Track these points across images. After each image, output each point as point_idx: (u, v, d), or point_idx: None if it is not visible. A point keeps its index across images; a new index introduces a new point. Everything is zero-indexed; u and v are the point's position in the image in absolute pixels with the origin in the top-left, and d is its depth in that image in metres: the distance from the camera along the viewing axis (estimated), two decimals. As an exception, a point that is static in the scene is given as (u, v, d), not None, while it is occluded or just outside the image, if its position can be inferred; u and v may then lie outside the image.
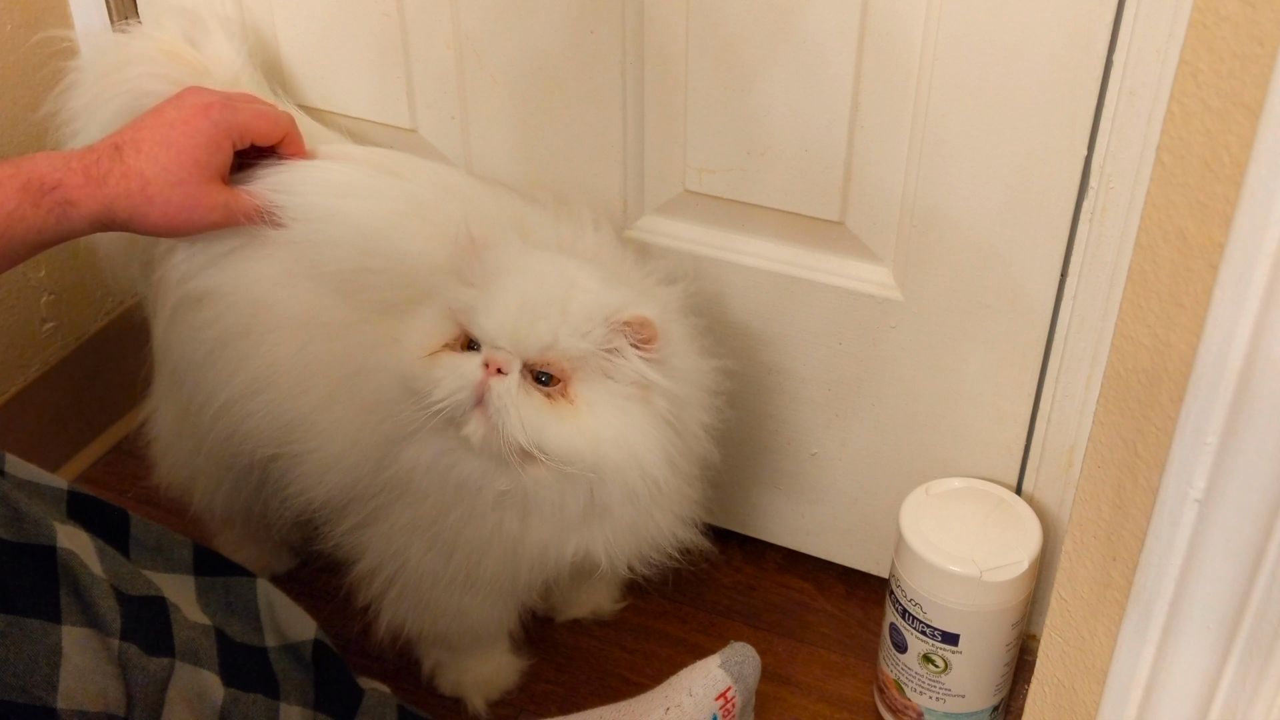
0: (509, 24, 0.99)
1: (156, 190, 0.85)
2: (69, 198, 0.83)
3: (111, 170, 0.85)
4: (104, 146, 0.86)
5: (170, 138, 0.86)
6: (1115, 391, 0.63)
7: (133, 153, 0.86)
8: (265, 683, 0.84)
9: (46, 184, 0.82)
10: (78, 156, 0.85)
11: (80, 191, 0.83)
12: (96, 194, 0.84)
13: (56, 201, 0.83)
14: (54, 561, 0.71)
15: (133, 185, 0.85)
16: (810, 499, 1.13)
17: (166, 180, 0.86)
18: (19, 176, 0.82)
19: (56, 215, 0.83)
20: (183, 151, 0.86)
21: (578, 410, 0.81)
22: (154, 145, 0.86)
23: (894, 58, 0.88)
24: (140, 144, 0.86)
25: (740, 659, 0.95)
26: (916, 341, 0.99)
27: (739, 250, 1.02)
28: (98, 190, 0.84)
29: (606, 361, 0.81)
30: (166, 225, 0.88)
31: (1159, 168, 0.57)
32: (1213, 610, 0.64)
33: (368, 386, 0.87)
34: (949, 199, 0.91)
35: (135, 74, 0.99)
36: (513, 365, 0.80)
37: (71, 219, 0.84)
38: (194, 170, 0.87)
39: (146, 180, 0.85)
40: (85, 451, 1.31)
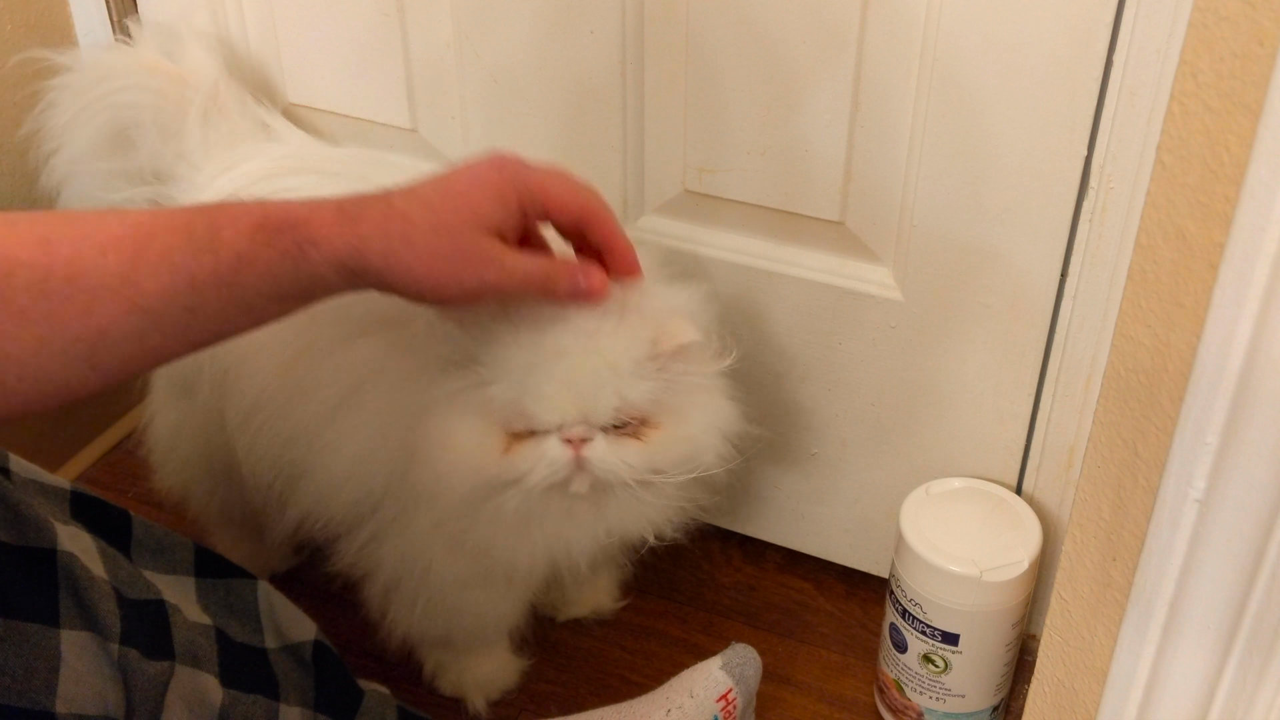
0: (509, 24, 0.99)
1: (419, 234, 0.70)
2: (311, 236, 0.68)
3: (370, 210, 0.70)
4: (373, 191, 0.73)
5: (448, 183, 0.72)
6: (1115, 391, 0.63)
7: (402, 196, 0.71)
8: (265, 683, 0.84)
9: (286, 221, 0.68)
10: (337, 198, 0.71)
11: (327, 229, 0.69)
12: (345, 233, 0.69)
13: (295, 240, 0.68)
14: (54, 565, 0.71)
15: (392, 225, 0.70)
16: (810, 499, 1.13)
17: (432, 222, 0.70)
18: (256, 214, 0.69)
19: (294, 257, 0.68)
20: (459, 196, 0.71)
21: (668, 428, 0.81)
22: (427, 189, 0.72)
23: (894, 57, 0.88)
24: (413, 189, 0.72)
25: (741, 660, 0.95)
26: (916, 341, 0.99)
27: (739, 250, 1.02)
28: (349, 229, 0.69)
29: (670, 382, 0.80)
30: (426, 275, 0.71)
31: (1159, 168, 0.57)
32: (1213, 610, 0.64)
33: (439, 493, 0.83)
34: (949, 199, 0.91)
35: (117, 88, 0.99)
36: (594, 433, 0.79)
37: (312, 261, 0.69)
38: (468, 216, 0.71)
39: (410, 221, 0.70)
40: (85, 451, 1.31)
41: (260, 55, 1.12)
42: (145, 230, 0.67)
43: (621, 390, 0.78)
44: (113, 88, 0.99)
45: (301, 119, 1.13)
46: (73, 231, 0.65)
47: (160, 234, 0.67)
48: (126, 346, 0.66)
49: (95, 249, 0.65)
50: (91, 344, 0.65)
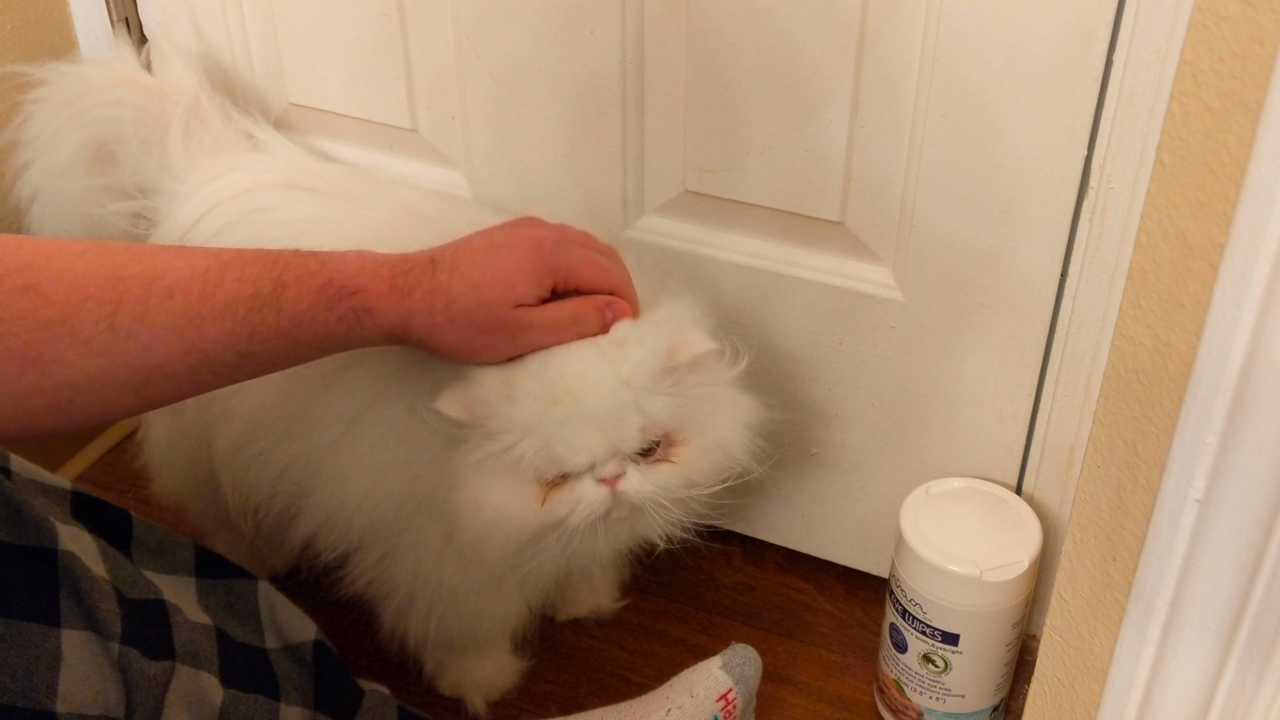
0: (509, 24, 0.99)
1: (460, 310, 0.76)
2: (368, 305, 0.75)
3: (419, 284, 0.76)
4: (421, 257, 0.77)
5: (490, 259, 0.77)
6: (1115, 391, 0.63)
7: (447, 269, 0.77)
8: (265, 683, 0.84)
9: (348, 288, 0.74)
10: (389, 263, 0.76)
11: (382, 300, 0.75)
12: (397, 306, 0.75)
13: (352, 308, 0.74)
14: (54, 564, 0.71)
15: (437, 302, 0.76)
16: (810, 499, 1.13)
17: (473, 300, 0.76)
18: (321, 275, 0.74)
19: (349, 322, 0.75)
20: (503, 273, 0.77)
21: (695, 443, 0.81)
22: (470, 265, 0.77)
23: (894, 57, 0.88)
24: (458, 263, 0.77)
25: (741, 660, 0.95)
26: (916, 341, 0.99)
27: (739, 250, 1.02)
28: (399, 303, 0.75)
29: (688, 394, 0.80)
30: (464, 345, 0.78)
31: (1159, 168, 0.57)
32: (1213, 610, 0.64)
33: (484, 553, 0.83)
34: (949, 199, 0.91)
35: (97, 102, 0.99)
36: (625, 465, 0.79)
37: (365, 327, 0.75)
38: (507, 296, 0.77)
39: (453, 299, 0.76)
40: (85, 451, 1.31)
41: (260, 56, 1.12)
42: (214, 279, 0.71)
43: (643, 408, 0.78)
44: (92, 103, 0.99)
45: (302, 119, 1.14)
46: (142, 270, 0.69)
47: (227, 284, 0.71)
48: (177, 380, 0.71)
49: (163, 292, 0.69)
50: (146, 376, 0.69)
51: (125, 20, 1.17)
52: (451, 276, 0.77)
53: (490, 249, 0.78)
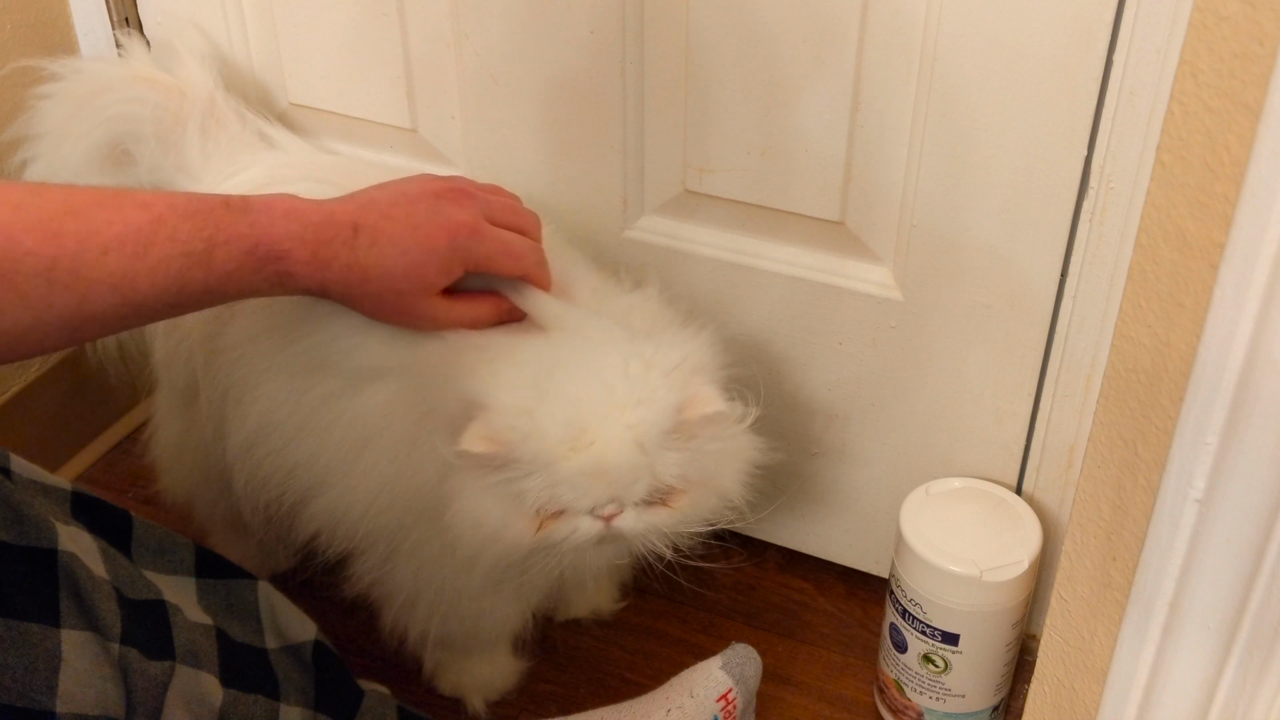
0: (509, 24, 0.99)
1: (373, 289, 0.81)
2: (290, 270, 0.79)
3: (338, 257, 0.80)
4: (344, 223, 0.80)
5: (407, 245, 0.81)
6: (1115, 391, 0.63)
7: (368, 243, 0.80)
8: (265, 683, 0.84)
9: (274, 253, 0.77)
10: (314, 228, 0.79)
11: (302, 268, 0.79)
12: (317, 275, 0.80)
13: (278, 271, 0.78)
14: (54, 564, 0.71)
15: (352, 278, 0.80)
16: (810, 499, 1.13)
17: (386, 286, 0.81)
18: (251, 238, 0.77)
19: (273, 282, 0.79)
20: (415, 265, 0.81)
21: (693, 493, 0.82)
22: (388, 244, 0.81)
23: (894, 57, 0.88)
24: (379, 237, 0.81)
25: (741, 660, 0.95)
26: (916, 341, 0.99)
27: (739, 250, 1.02)
28: (319, 273, 0.80)
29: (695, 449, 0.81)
30: (375, 317, 0.85)
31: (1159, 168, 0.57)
32: (1213, 610, 0.64)
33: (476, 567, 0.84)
34: (949, 199, 0.91)
35: (116, 99, 0.99)
36: (624, 505, 0.80)
37: (287, 287, 0.80)
38: (416, 286, 0.82)
39: (368, 277, 0.81)
40: (85, 451, 1.31)
41: (260, 55, 1.12)
42: (146, 236, 0.73)
43: (653, 469, 0.79)
44: (111, 100, 0.99)
45: (302, 119, 1.13)
46: (79, 226, 0.71)
47: (160, 243, 0.73)
48: (109, 326, 0.75)
49: (98, 248, 0.71)
50: (80, 325, 0.72)
51: (125, 20, 1.17)
52: (369, 254, 0.80)
53: (410, 228, 0.82)
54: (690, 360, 0.82)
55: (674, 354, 0.81)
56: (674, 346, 0.82)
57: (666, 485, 0.80)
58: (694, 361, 0.82)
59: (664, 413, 0.78)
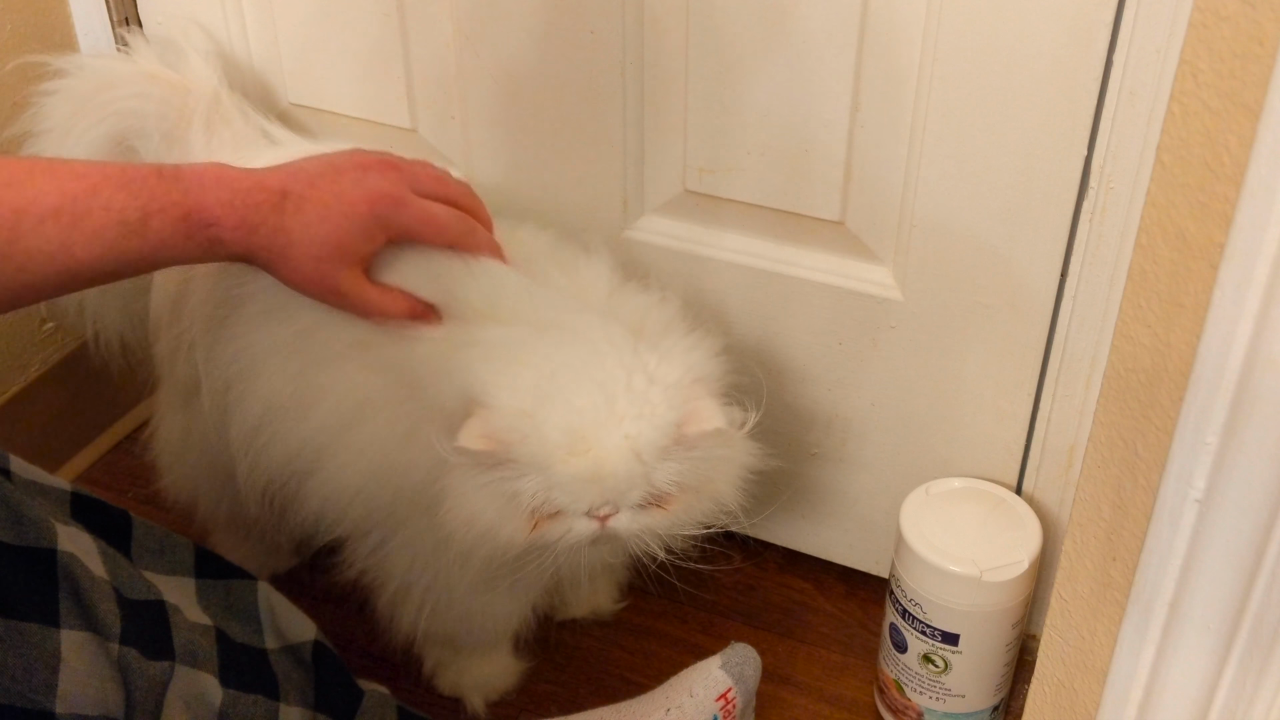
0: (509, 24, 0.99)
1: (295, 255, 0.83)
2: (219, 236, 0.81)
3: (266, 222, 0.82)
4: (273, 189, 0.83)
5: (330, 213, 0.83)
6: (1115, 391, 0.63)
7: (294, 209, 0.83)
8: (265, 683, 0.84)
9: (205, 220, 0.80)
10: (244, 194, 0.82)
11: (231, 234, 0.81)
12: (243, 240, 0.82)
13: (209, 238, 0.81)
14: (54, 565, 0.71)
15: (276, 243, 0.83)
16: (810, 498, 1.13)
17: (308, 253, 0.83)
18: (184, 205, 0.79)
19: (204, 249, 0.81)
20: (336, 232, 0.83)
21: (689, 497, 0.82)
22: (313, 212, 0.83)
23: (894, 57, 0.88)
24: (304, 204, 0.83)
25: (741, 660, 0.95)
26: (916, 341, 0.99)
27: (739, 250, 1.02)
28: (247, 237, 0.82)
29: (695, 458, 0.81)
30: (295, 286, 0.86)
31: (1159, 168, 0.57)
32: (1213, 610, 0.64)
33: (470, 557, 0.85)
34: (949, 199, 0.91)
35: (121, 95, 0.99)
36: (619, 507, 0.81)
37: (218, 254, 0.82)
38: (335, 252, 0.84)
39: (291, 243, 0.83)
40: (85, 451, 1.31)
41: (260, 55, 1.12)
42: (82, 206, 0.75)
43: (650, 478, 0.79)
44: (117, 95, 0.99)
45: (302, 119, 1.13)
46: (15, 196, 0.73)
47: (95, 213, 0.75)
48: (48, 293, 0.77)
49: (35, 218, 0.73)
50: (19, 291, 0.75)
51: (125, 21, 1.17)
52: (294, 219, 0.83)
53: (335, 196, 0.84)
54: (693, 373, 0.82)
55: (677, 367, 0.82)
56: (677, 358, 0.83)
57: (663, 491, 0.81)
58: (696, 374, 0.83)
59: (663, 429, 0.79)
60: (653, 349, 0.83)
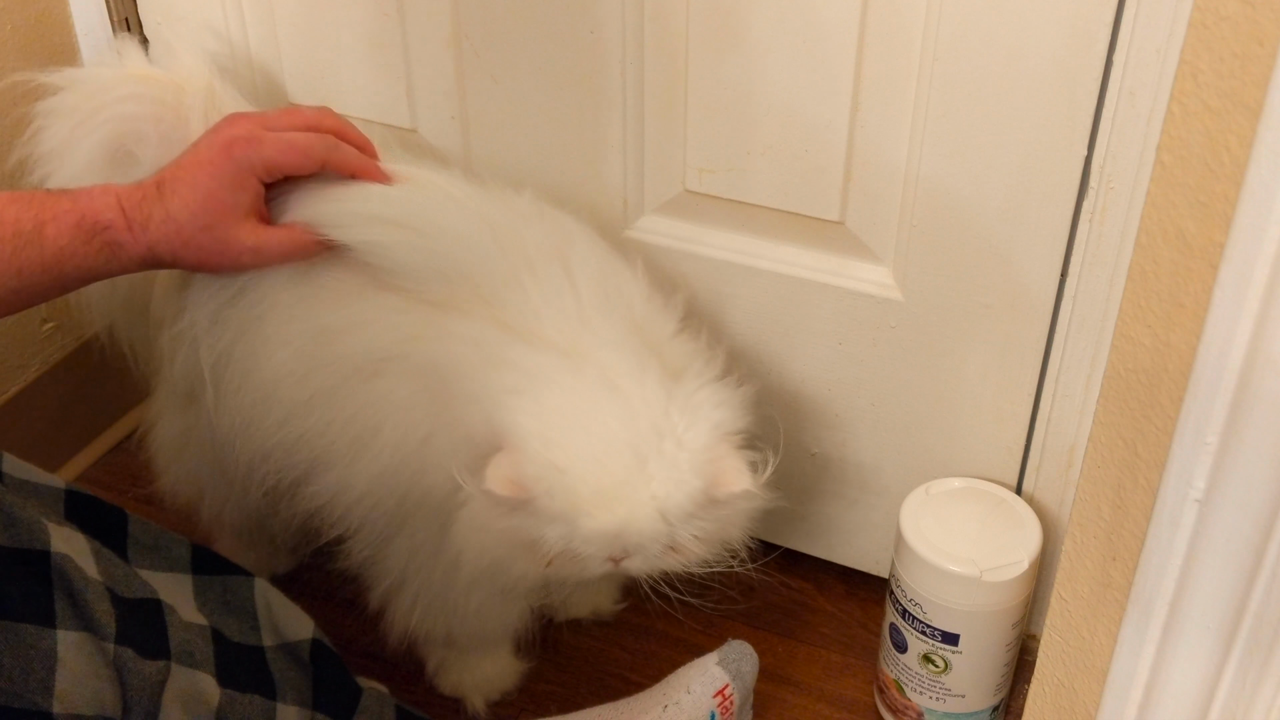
0: (509, 23, 0.99)
1: (190, 235, 0.84)
2: (117, 240, 0.83)
3: (153, 215, 0.84)
4: (151, 185, 0.85)
5: (197, 179, 0.85)
6: (1115, 391, 0.63)
7: (170, 194, 0.84)
8: (262, 683, 0.84)
9: (99, 224, 0.82)
10: (127, 194, 0.84)
11: (126, 235, 0.83)
12: (139, 239, 0.83)
13: (106, 242, 0.82)
14: (48, 566, 0.71)
15: (169, 230, 0.84)
16: (810, 499, 1.13)
17: (195, 225, 0.84)
18: (75, 212, 0.81)
19: (106, 256, 0.83)
20: (209, 194, 0.84)
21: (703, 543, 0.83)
22: (184, 187, 0.84)
23: (894, 57, 0.88)
24: (177, 185, 0.84)
25: (738, 656, 0.95)
26: (916, 341, 0.99)
27: (739, 250, 1.02)
28: (141, 236, 0.83)
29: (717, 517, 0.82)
30: (204, 268, 0.88)
31: (1159, 168, 0.57)
32: (1213, 610, 0.64)
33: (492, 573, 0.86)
34: (949, 199, 0.91)
35: (110, 100, 0.98)
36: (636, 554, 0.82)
37: (121, 259, 0.84)
38: (219, 214, 0.85)
39: (180, 225, 0.84)
40: (85, 451, 1.31)
41: (260, 55, 1.12)
42: None
43: (672, 536, 0.81)
44: (110, 99, 0.98)
45: (301, 119, 1.13)
46: None
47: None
48: None
49: None
50: None
51: (125, 22, 1.17)
52: (174, 201, 0.84)
53: (196, 165, 0.85)
54: (720, 429, 0.82)
55: (705, 427, 0.81)
56: (705, 415, 0.82)
57: (682, 544, 0.82)
58: (724, 430, 0.82)
59: (691, 494, 0.80)
60: (683, 408, 0.81)
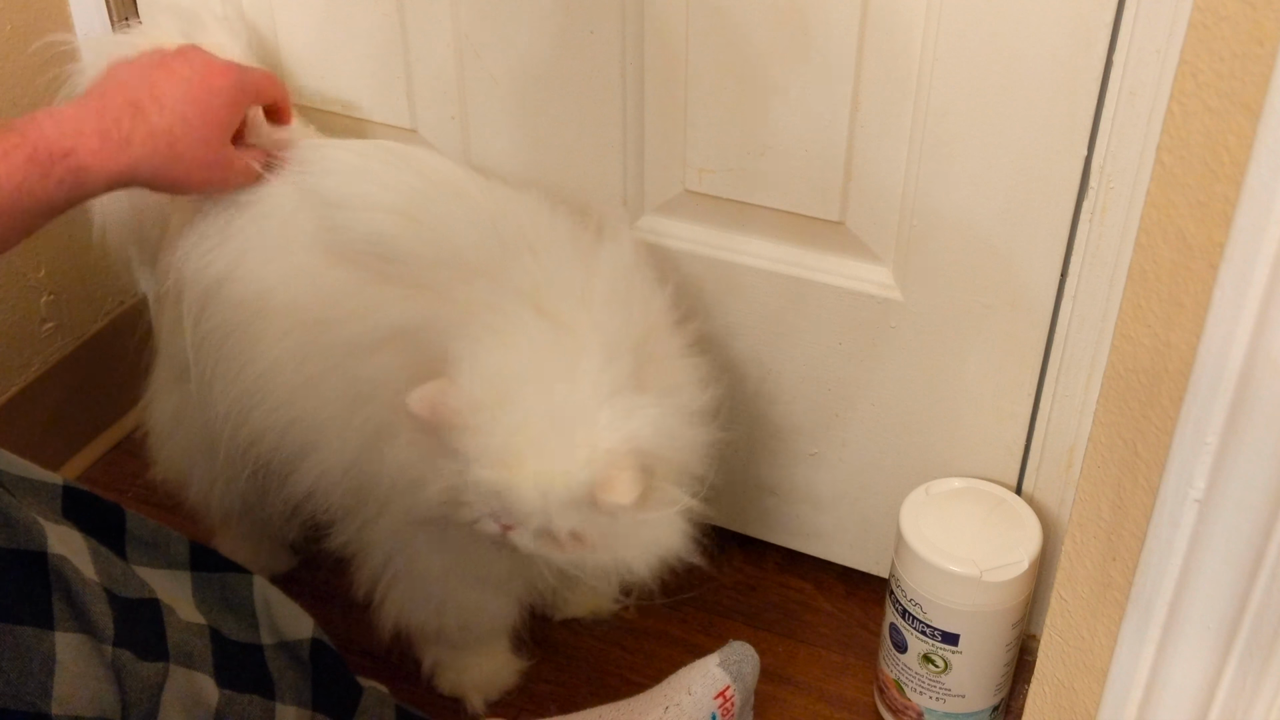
0: (509, 24, 0.99)
1: (185, 148, 0.83)
2: (82, 164, 0.79)
3: (136, 130, 0.81)
4: (119, 103, 0.82)
5: (193, 94, 0.84)
6: (1115, 391, 0.63)
7: (156, 110, 0.82)
8: (261, 683, 0.84)
9: (56, 152, 0.78)
10: (90, 117, 0.80)
11: (96, 157, 0.79)
12: (118, 157, 0.80)
13: (69, 169, 0.78)
14: (45, 567, 0.71)
15: (160, 145, 0.82)
16: (810, 499, 1.13)
17: (195, 138, 0.84)
18: (25, 146, 0.77)
19: (69, 185, 0.79)
20: (209, 110, 0.84)
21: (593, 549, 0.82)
22: (178, 102, 0.83)
23: (894, 57, 0.88)
24: (163, 100, 0.83)
25: (739, 657, 0.95)
26: (916, 341, 0.99)
27: (739, 250, 1.02)
28: (119, 153, 0.80)
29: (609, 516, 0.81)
30: (187, 183, 0.87)
31: (1159, 168, 0.57)
32: (1213, 610, 0.64)
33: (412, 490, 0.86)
34: (949, 199, 0.91)
35: None
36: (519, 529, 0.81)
37: (86, 185, 0.80)
38: (218, 129, 0.86)
39: (175, 138, 0.83)
40: (85, 451, 1.31)
41: (260, 55, 1.12)
42: None
43: (550, 518, 0.80)
44: None
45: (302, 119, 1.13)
46: None
47: None
48: None
49: None
50: None
51: (125, 21, 1.17)
52: (163, 117, 0.82)
53: (185, 83, 0.84)
54: (633, 442, 0.80)
55: (620, 437, 0.80)
56: (632, 429, 0.80)
57: (559, 535, 0.81)
58: (637, 444, 0.80)
59: (572, 487, 0.79)
60: (617, 412, 0.80)
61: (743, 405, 1.08)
